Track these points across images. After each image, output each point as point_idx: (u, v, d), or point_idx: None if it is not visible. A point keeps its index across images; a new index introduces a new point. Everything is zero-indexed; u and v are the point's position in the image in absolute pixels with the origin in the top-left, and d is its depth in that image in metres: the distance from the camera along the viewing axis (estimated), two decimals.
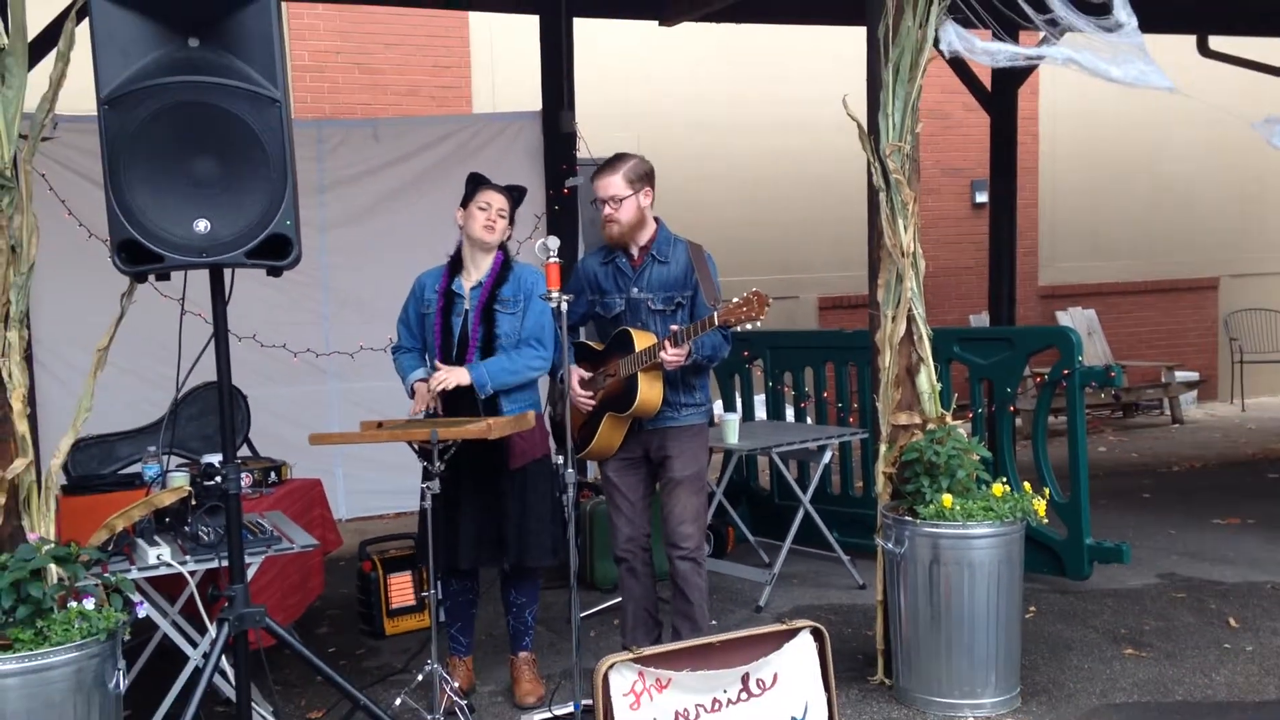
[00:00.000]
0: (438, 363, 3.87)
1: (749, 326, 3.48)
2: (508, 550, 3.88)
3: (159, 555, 3.46)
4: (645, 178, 3.86)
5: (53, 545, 3.00)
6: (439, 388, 3.79)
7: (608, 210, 3.83)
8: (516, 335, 3.89)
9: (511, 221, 4.00)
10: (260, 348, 6.38)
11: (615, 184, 3.81)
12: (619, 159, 3.87)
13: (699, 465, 3.92)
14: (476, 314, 3.89)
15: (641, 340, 3.77)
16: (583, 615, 4.66)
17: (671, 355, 3.62)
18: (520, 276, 3.94)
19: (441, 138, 6.80)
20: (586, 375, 3.93)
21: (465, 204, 3.96)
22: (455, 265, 3.99)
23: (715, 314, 3.53)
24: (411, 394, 3.95)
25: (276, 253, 2.91)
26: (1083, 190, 11.05)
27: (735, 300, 3.49)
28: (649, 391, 3.75)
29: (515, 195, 4.01)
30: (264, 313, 6.25)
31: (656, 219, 3.94)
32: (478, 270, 3.95)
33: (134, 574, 3.39)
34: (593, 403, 3.90)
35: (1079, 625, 4.61)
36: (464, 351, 3.88)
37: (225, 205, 2.84)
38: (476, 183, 3.98)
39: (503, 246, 3.99)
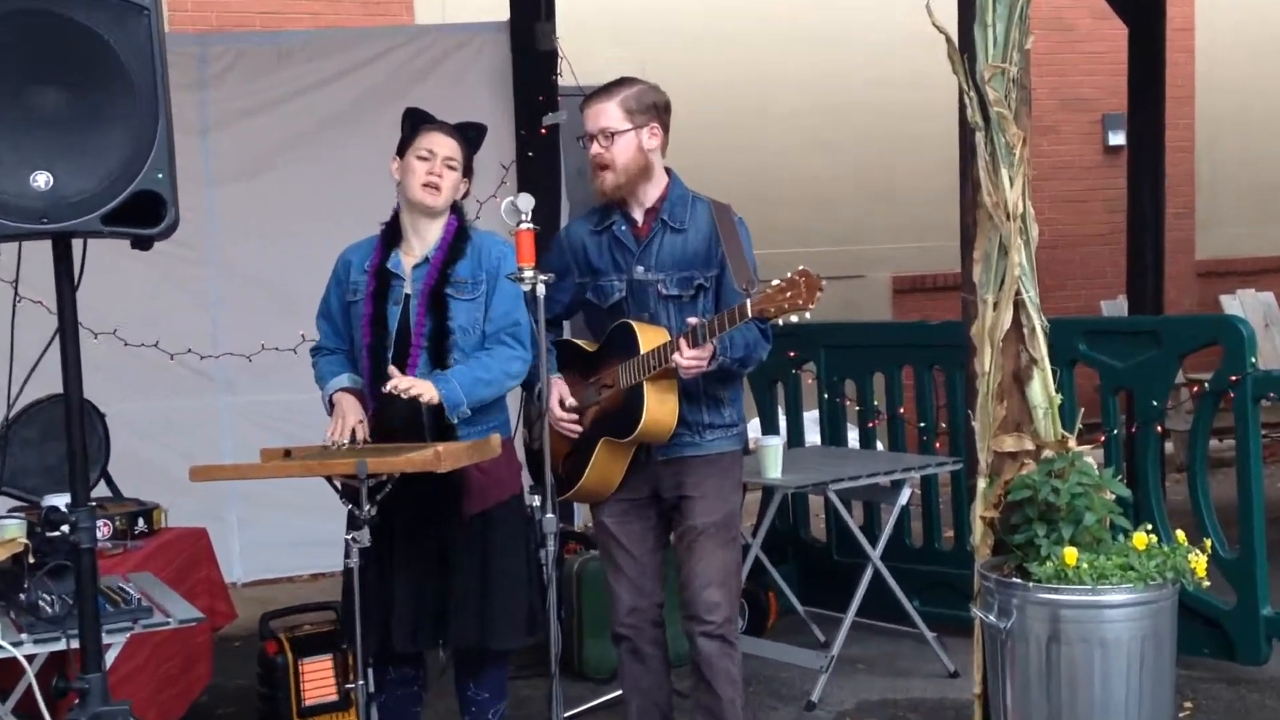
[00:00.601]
0: (392, 369, 3.83)
1: (795, 318, 3.49)
2: (452, 628, 3.88)
3: None
4: (652, 110, 3.86)
5: None
6: (404, 389, 3.73)
7: (596, 149, 3.83)
8: (476, 329, 3.90)
9: (467, 173, 4.01)
10: (123, 347, 6.37)
11: (608, 113, 3.82)
12: (619, 83, 3.89)
13: (728, 509, 3.93)
14: (422, 301, 3.89)
15: (649, 338, 3.77)
16: (569, 715, 4.66)
17: (689, 359, 3.62)
18: (481, 249, 3.94)
19: (373, 58, 6.81)
20: (571, 401, 3.91)
21: (401, 152, 3.97)
22: (392, 236, 4.00)
23: (749, 301, 3.53)
24: (330, 409, 3.95)
25: (145, 217, 2.90)
26: (1255, 128, 11.02)
27: (776, 283, 3.49)
28: (659, 409, 3.75)
29: (471, 138, 4.02)
30: (129, 299, 6.25)
31: (669, 171, 3.95)
32: (422, 242, 3.96)
33: None
34: (579, 428, 3.90)
35: None
36: (404, 351, 3.88)
37: (74, 152, 2.84)
38: (416, 122, 3.98)
39: (456, 209, 3.99)
